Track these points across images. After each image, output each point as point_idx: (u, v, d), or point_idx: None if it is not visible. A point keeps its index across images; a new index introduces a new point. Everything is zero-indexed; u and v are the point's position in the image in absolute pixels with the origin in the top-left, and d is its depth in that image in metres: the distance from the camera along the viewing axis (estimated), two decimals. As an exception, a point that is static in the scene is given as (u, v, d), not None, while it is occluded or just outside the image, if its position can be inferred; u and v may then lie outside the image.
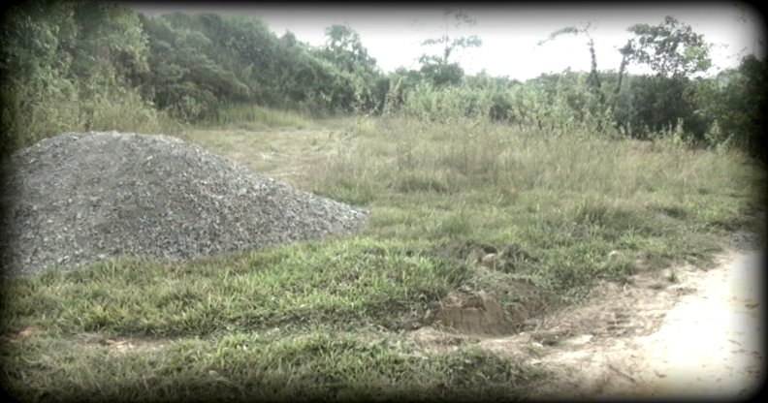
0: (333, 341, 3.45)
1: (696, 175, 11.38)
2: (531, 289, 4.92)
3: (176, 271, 5.04)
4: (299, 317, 3.99)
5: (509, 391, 3.20)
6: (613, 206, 7.47)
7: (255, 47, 23.67)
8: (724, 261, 6.33)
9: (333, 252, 5.30)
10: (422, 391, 3.11)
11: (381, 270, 4.77)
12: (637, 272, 5.62)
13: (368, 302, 4.23)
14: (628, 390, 3.32)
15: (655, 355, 3.81)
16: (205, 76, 19.53)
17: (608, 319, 4.47)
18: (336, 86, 24.67)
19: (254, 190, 6.73)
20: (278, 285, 4.53)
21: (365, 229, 6.73)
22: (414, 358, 3.38)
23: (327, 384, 3.10)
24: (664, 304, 4.83)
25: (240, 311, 4.05)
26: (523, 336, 4.09)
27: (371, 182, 9.17)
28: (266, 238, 6.09)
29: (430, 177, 9.48)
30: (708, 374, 3.56)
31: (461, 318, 4.24)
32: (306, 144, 14.83)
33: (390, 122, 12.78)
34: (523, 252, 5.70)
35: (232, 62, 21.94)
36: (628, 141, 13.93)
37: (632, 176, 9.98)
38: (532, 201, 8.16)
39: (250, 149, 13.27)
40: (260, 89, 22.36)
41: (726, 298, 5.02)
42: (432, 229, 6.34)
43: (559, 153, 11.10)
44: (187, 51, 19.81)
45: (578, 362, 3.62)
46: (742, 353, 3.88)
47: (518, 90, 22.25)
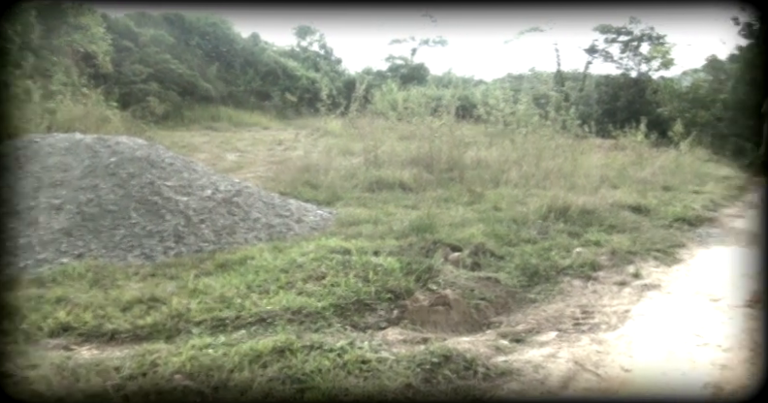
0: (299, 342, 3.43)
1: (660, 173, 11.55)
2: (498, 287, 4.94)
3: (140, 275, 4.97)
4: (265, 319, 3.95)
5: (476, 389, 3.21)
6: (578, 204, 7.54)
7: (220, 47, 23.50)
8: (688, 256, 6.43)
9: (299, 253, 5.27)
10: (389, 391, 3.10)
11: (348, 271, 4.75)
12: (602, 269, 5.68)
13: (335, 303, 4.21)
14: (594, 386, 3.35)
15: (620, 350, 3.85)
16: (169, 76, 19.33)
17: (573, 315, 4.50)
18: (301, 86, 24.58)
19: (219, 191, 6.69)
20: (244, 287, 4.49)
21: (331, 229, 6.71)
22: (382, 358, 3.37)
23: (294, 385, 3.09)
24: (629, 300, 4.89)
25: (206, 314, 4.01)
26: (489, 334, 4.11)
27: (338, 182, 9.15)
28: (231, 240, 6.04)
29: (396, 177, 9.49)
30: (672, 368, 3.61)
31: (428, 317, 4.25)
32: (272, 145, 14.76)
33: (356, 122, 12.76)
34: (489, 250, 5.72)
35: (196, 62, 21.74)
36: (593, 140, 14.08)
37: (596, 174, 10.10)
38: (498, 199, 8.21)
39: (215, 150, 13.16)
40: (225, 89, 22.19)
41: (690, 293, 5.10)
42: (399, 228, 6.34)
43: (524, 152, 11.19)
44: (151, 51, 19.60)
45: (544, 359, 3.65)
46: (706, 346, 3.93)
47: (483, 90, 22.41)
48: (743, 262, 6.25)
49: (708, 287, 5.29)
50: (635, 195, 9.10)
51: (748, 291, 5.16)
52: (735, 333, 4.17)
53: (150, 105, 16.37)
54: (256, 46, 25.43)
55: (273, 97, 23.30)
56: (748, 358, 3.76)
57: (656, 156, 13.31)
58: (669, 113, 20.00)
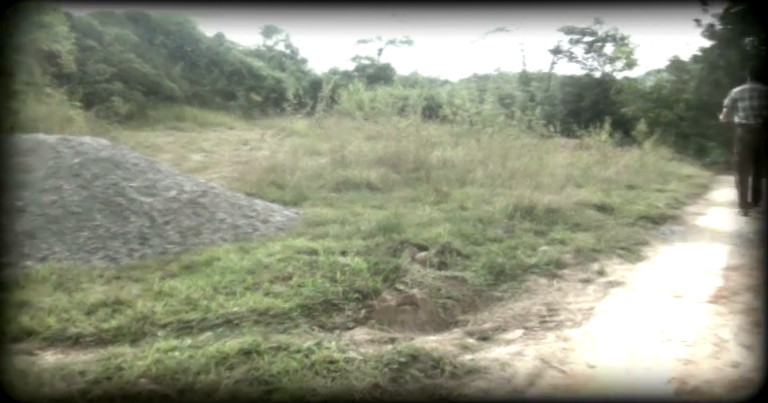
0: (266, 344, 3.40)
1: (624, 172, 11.69)
2: (464, 286, 4.96)
3: (104, 277, 4.91)
4: (231, 320, 3.92)
5: (443, 388, 3.22)
6: (543, 203, 7.60)
7: (185, 47, 23.29)
8: (652, 254, 6.51)
9: (265, 254, 5.25)
10: (357, 391, 3.10)
11: (315, 271, 4.74)
12: (567, 267, 5.73)
13: (302, 303, 4.20)
14: (560, 382, 3.37)
15: (585, 346, 3.88)
16: (133, 75, 19.10)
17: (539, 313, 4.53)
18: (267, 86, 24.45)
19: (185, 192, 6.64)
20: (210, 288, 4.45)
21: (298, 229, 6.68)
22: (349, 358, 3.36)
23: (261, 387, 3.06)
24: (593, 297, 4.93)
25: (172, 316, 3.97)
26: (456, 333, 4.12)
27: (304, 183, 9.13)
28: (197, 241, 5.99)
29: (363, 177, 9.49)
30: (637, 363, 3.65)
31: (395, 316, 4.25)
32: (238, 145, 14.67)
33: (323, 122, 12.76)
34: (455, 249, 5.74)
35: (161, 61, 21.51)
36: (558, 140, 14.23)
37: (562, 173, 10.20)
38: (464, 199, 8.24)
39: (180, 150, 13.05)
40: (190, 89, 21.98)
41: (654, 290, 5.17)
42: (366, 228, 6.34)
43: (490, 152, 11.24)
44: (115, 50, 19.34)
45: (511, 357, 3.66)
46: (670, 342, 3.98)
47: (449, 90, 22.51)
48: (706, 258, 6.35)
49: (672, 283, 5.36)
50: (600, 193, 9.20)
51: (711, 287, 5.25)
52: (699, 329, 4.23)
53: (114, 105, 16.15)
54: (221, 45, 25.26)
55: (239, 97, 23.14)
56: (711, 353, 3.82)
57: (621, 155, 13.47)
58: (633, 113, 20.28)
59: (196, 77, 23.02)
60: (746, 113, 8.91)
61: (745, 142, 9.02)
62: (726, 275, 5.67)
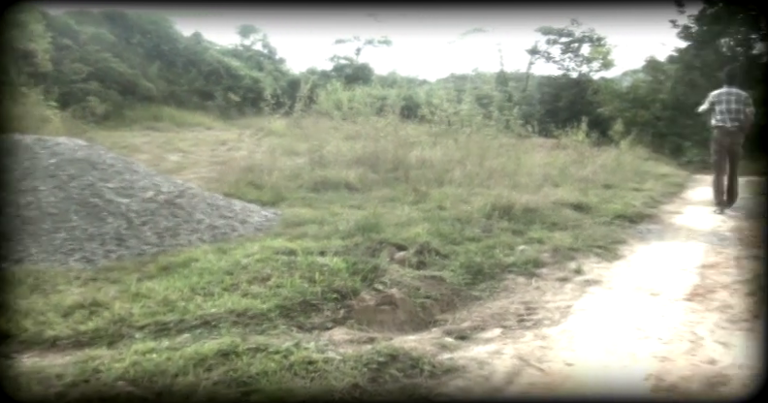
0: (245, 345, 3.39)
1: (600, 171, 11.78)
2: (443, 285, 4.97)
3: (81, 279, 4.86)
4: (209, 321, 3.89)
5: (422, 387, 3.22)
6: (521, 202, 7.64)
7: (162, 46, 23.10)
8: (628, 252, 6.57)
9: (243, 254, 5.23)
10: (336, 391, 3.09)
11: (293, 271, 4.73)
12: (545, 266, 5.76)
13: (280, 304, 4.18)
14: (538, 380, 3.39)
15: (562, 345, 3.91)
16: (110, 75, 18.92)
17: (517, 312, 4.55)
18: (245, 86, 24.34)
19: (162, 193, 6.60)
20: (188, 290, 4.43)
21: (276, 230, 6.67)
22: (328, 359, 3.36)
23: (239, 388, 3.05)
24: (571, 296, 4.97)
25: (149, 318, 3.94)
26: (435, 332, 4.12)
27: (282, 183, 9.11)
28: (174, 242, 5.96)
29: (341, 177, 9.48)
30: (614, 361, 3.67)
31: (374, 316, 4.25)
32: (216, 145, 14.59)
33: (301, 122, 12.73)
34: (434, 249, 5.75)
35: (138, 61, 21.32)
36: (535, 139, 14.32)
37: (539, 173, 10.26)
38: (443, 198, 8.26)
39: (157, 151, 12.96)
40: (167, 89, 21.81)
41: (631, 288, 5.21)
42: (345, 228, 6.34)
43: (468, 151, 11.28)
44: (91, 50, 19.14)
45: (489, 355, 3.68)
46: (646, 339, 4.02)
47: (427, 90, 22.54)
48: (682, 256, 6.42)
49: (648, 281, 5.41)
50: (577, 193, 9.26)
51: (688, 285, 5.30)
52: (675, 326, 4.27)
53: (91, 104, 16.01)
54: (198, 44, 25.10)
55: (216, 97, 23.01)
56: (688, 350, 3.86)
57: (597, 155, 13.58)
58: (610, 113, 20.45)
59: (173, 77, 22.85)
60: (723, 116, 9.22)
61: (721, 144, 9.35)
62: (702, 273, 5.74)
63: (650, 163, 15.51)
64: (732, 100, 9.17)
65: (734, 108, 9.13)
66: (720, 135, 9.34)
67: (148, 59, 22.22)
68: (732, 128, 9.17)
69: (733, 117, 9.15)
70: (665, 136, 19.23)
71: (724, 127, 9.22)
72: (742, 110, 9.11)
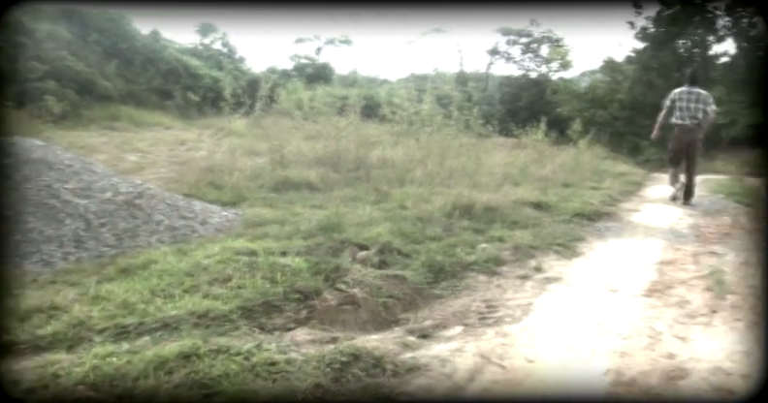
0: (206, 347, 3.36)
1: (559, 170, 11.90)
2: (405, 284, 4.98)
3: (39, 282, 4.78)
4: (170, 324, 3.85)
5: (385, 386, 3.24)
6: (481, 201, 7.69)
7: (119, 44, 22.72)
8: (587, 250, 6.66)
9: (204, 255, 5.18)
10: (299, 392, 3.09)
11: (255, 272, 4.70)
12: (505, 264, 5.82)
13: (241, 305, 4.16)
14: (500, 377, 3.42)
15: (523, 342, 3.95)
16: (66, 73, 18.54)
17: (479, 309, 4.59)
18: (204, 85, 24.08)
19: (120, 193, 6.52)
20: (148, 292, 4.37)
21: (237, 230, 6.63)
22: (290, 359, 3.35)
23: (201, 391, 3.03)
24: (531, 293, 5.03)
25: (109, 321, 3.88)
26: (397, 331, 4.14)
27: (243, 183, 9.04)
28: (134, 244, 5.89)
29: (303, 177, 9.45)
30: (574, 356, 3.73)
31: (336, 316, 4.25)
32: (175, 145, 14.42)
33: (261, 122, 12.65)
34: (396, 248, 5.77)
35: (95, 59, 20.94)
36: (495, 139, 14.43)
37: (499, 172, 10.33)
38: (404, 198, 8.28)
39: (116, 151, 12.77)
40: (125, 88, 21.46)
41: (590, 285, 5.29)
42: (306, 228, 6.32)
43: (429, 151, 11.31)
44: (48, 48, 18.79)
45: (451, 353, 3.71)
46: (606, 335, 4.09)
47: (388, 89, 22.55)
48: (640, 253, 6.52)
49: (607, 278, 5.50)
50: (536, 192, 9.35)
51: (646, 281, 5.39)
52: (634, 322, 4.35)
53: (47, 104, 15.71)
54: (157, 43, 24.75)
55: (176, 96, 22.70)
56: (647, 345, 3.93)
57: (556, 154, 13.72)
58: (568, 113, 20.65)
59: (131, 76, 22.50)
60: (682, 114, 9.62)
61: (680, 140, 9.79)
62: (660, 269, 5.84)
63: (608, 162, 15.69)
64: (692, 99, 9.54)
65: (693, 106, 9.51)
66: (678, 132, 9.74)
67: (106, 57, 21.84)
68: (691, 125, 9.57)
69: (692, 115, 9.53)
70: (623, 135, 19.48)
71: (683, 124, 9.62)
72: (701, 109, 9.49)
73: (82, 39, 21.30)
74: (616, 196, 10.49)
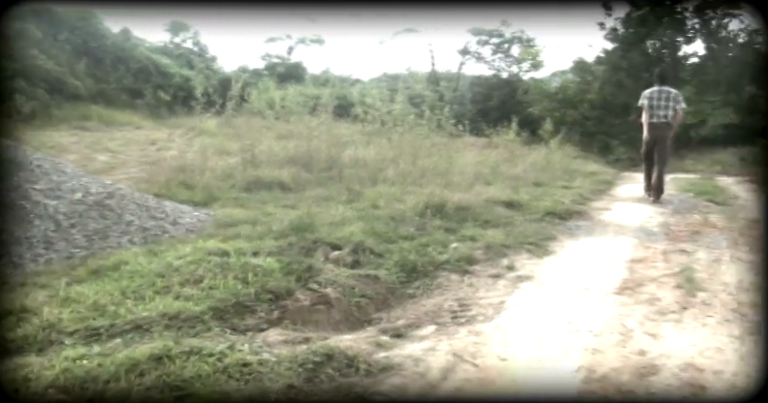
0: (178, 348, 3.33)
1: (531, 169, 11.98)
2: (378, 284, 5.00)
3: (8, 284, 4.72)
4: (141, 325, 3.81)
5: (358, 386, 3.24)
6: (453, 201, 7.72)
7: (89, 43, 22.45)
8: (559, 248, 6.71)
9: (175, 256, 5.13)
10: (272, 393, 3.09)
11: (227, 273, 4.67)
12: (477, 263, 5.85)
13: (213, 306, 4.13)
14: (473, 376, 3.44)
15: (496, 340, 3.98)
16: (36, 72, 18.26)
17: (451, 308, 4.61)
18: (175, 84, 23.89)
19: (90, 194, 6.45)
20: (119, 293, 4.33)
21: (208, 231, 6.59)
22: (263, 360, 3.34)
23: (173, 393, 3.01)
24: (504, 292, 5.06)
25: (80, 323, 3.83)
26: (370, 331, 4.15)
27: (215, 183, 8.99)
28: (104, 245, 5.83)
29: (275, 176, 9.43)
30: (546, 354, 3.76)
31: (309, 316, 4.25)
32: (145, 145, 14.30)
33: (232, 121, 12.58)
34: (368, 248, 5.77)
35: (65, 58, 20.69)
36: (467, 138, 14.46)
37: (471, 172, 10.38)
38: (376, 197, 8.28)
39: (86, 151, 12.64)
40: (95, 87, 21.21)
41: (561, 283, 5.33)
42: (279, 228, 6.30)
43: (401, 150, 11.32)
44: (17, 46, 18.53)
45: (424, 352, 3.72)
46: (578, 332, 4.12)
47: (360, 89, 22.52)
48: (611, 251, 6.58)
49: (579, 276, 5.55)
50: (508, 191, 9.40)
51: (617, 279, 5.45)
52: (605, 319, 4.40)
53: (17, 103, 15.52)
54: (127, 41, 24.50)
55: (146, 95, 22.49)
56: (618, 342, 3.97)
57: (528, 153, 13.81)
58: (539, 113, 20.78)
59: (101, 75, 22.24)
60: (653, 112, 9.98)
61: (651, 137, 10.12)
62: (631, 267, 5.91)
63: (579, 161, 15.80)
64: (663, 97, 9.90)
65: (664, 104, 9.87)
66: (650, 130, 10.06)
67: (76, 56, 21.56)
68: (662, 123, 9.93)
69: (662, 114, 9.90)
70: (593, 135, 19.65)
71: (654, 122, 9.97)
72: (671, 107, 9.85)
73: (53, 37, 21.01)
74: (587, 195, 10.58)
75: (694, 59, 20.77)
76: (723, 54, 19.46)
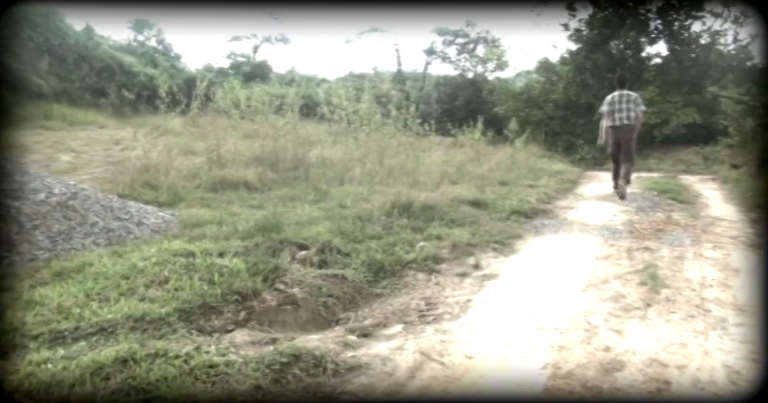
0: (143, 351, 3.30)
1: (496, 169, 12.06)
2: (345, 283, 5.00)
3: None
4: (106, 328, 3.77)
5: (326, 386, 3.25)
6: (420, 200, 7.75)
7: (52, 40, 22.15)
8: (524, 247, 6.77)
9: (140, 257, 5.07)
10: (238, 394, 3.08)
11: (192, 274, 4.64)
12: (444, 261, 5.89)
13: (179, 308, 4.10)
14: (440, 374, 3.47)
15: (463, 338, 4.01)
16: (-3, 70, 18.04)
17: (418, 307, 4.63)
18: (139, 83, 23.67)
19: (54, 194, 6.37)
20: (83, 295, 4.27)
21: (174, 231, 6.53)
22: (229, 362, 3.33)
23: (139, 396, 2.98)
24: (470, 290, 5.10)
25: (44, 326, 3.78)
26: (338, 330, 4.15)
27: (180, 183, 8.91)
28: (68, 246, 5.76)
29: (240, 176, 9.38)
30: (513, 352, 3.80)
31: (276, 317, 4.24)
32: (109, 145, 14.14)
33: (198, 120, 12.48)
34: (335, 248, 5.78)
35: (27, 56, 20.37)
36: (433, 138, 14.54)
37: (437, 171, 10.41)
38: (343, 197, 8.28)
39: (49, 151, 12.46)
40: (58, 86, 20.92)
41: (527, 281, 5.38)
42: (245, 228, 6.27)
43: (367, 150, 11.35)
44: (-25, 44, 18.22)
45: (391, 351, 3.74)
46: (543, 330, 4.17)
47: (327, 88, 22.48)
48: (576, 249, 6.66)
49: (544, 274, 5.61)
50: (474, 190, 9.47)
51: (582, 276, 5.52)
52: (571, 316, 4.45)
53: (-24, 102, 15.24)
54: (90, 39, 24.19)
55: (110, 94, 22.24)
56: (583, 339, 4.02)
57: (493, 153, 13.91)
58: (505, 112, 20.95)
59: (64, 73, 21.93)
60: (616, 115, 10.31)
61: (616, 138, 10.45)
62: (596, 265, 5.98)
63: (544, 160, 15.94)
64: (624, 100, 10.26)
65: (625, 107, 10.23)
66: (614, 131, 10.38)
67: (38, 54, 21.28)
68: (624, 125, 10.26)
69: (624, 116, 10.24)
70: (558, 134, 19.84)
71: (618, 125, 10.29)
72: (633, 109, 10.23)
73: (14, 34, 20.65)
74: (552, 193, 10.69)
75: (658, 60, 21.13)
76: (686, 55, 19.77)
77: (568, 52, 21.46)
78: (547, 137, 19.36)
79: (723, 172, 14.48)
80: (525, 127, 17.52)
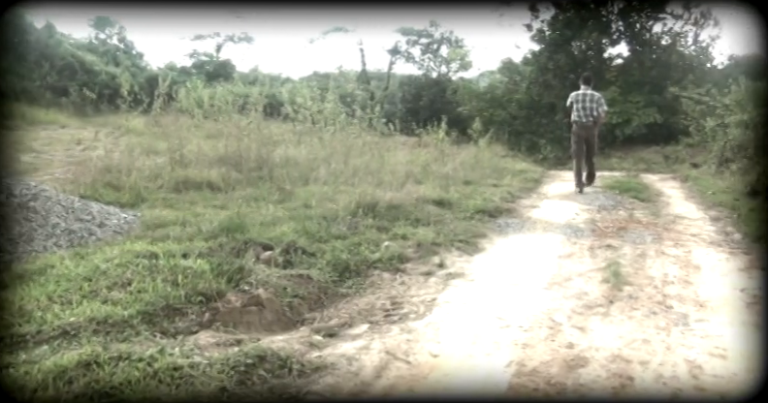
0: (106, 354, 3.26)
1: (461, 168, 12.11)
2: (310, 283, 5.00)
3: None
4: (69, 331, 3.71)
5: (292, 386, 3.24)
6: (385, 200, 7.76)
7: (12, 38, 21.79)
8: (489, 245, 6.83)
9: (102, 259, 5.00)
10: (203, 396, 3.06)
11: (155, 275, 4.59)
12: (409, 261, 5.91)
13: (142, 310, 4.05)
14: (405, 373, 3.48)
15: (428, 337, 4.04)
16: (-46, 69, 17.70)
17: (384, 307, 4.65)
18: (101, 82, 23.34)
19: (14, 196, 6.27)
20: (45, 298, 4.20)
21: (136, 232, 6.46)
22: (194, 364, 3.30)
23: (102, 400, 2.95)
24: (435, 289, 5.13)
25: (5, 330, 3.70)
26: (303, 331, 4.15)
27: (142, 183, 8.81)
28: (29, 248, 5.67)
29: (204, 176, 9.31)
30: (478, 350, 3.84)
31: (240, 318, 4.22)
32: (71, 144, 13.95)
33: (160, 120, 12.34)
34: (300, 248, 5.77)
35: (-16, 54, 20.03)
36: (398, 138, 14.57)
37: (402, 171, 10.43)
38: (308, 197, 8.27)
39: (8, 151, 12.26)
40: (18, 84, 20.59)
41: (491, 279, 5.43)
42: (209, 229, 6.22)
43: (332, 150, 11.34)
44: (-70, 43, 17.84)
45: (357, 351, 3.75)
46: (508, 328, 4.21)
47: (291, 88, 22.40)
48: (540, 247, 6.73)
49: (508, 272, 5.67)
50: (438, 189, 9.51)
51: (545, 274, 5.58)
52: (535, 314, 4.51)
53: (-69, 101, 14.95)
54: (51, 37, 23.85)
55: (71, 93, 21.91)
56: (547, 336, 4.07)
57: (457, 152, 13.96)
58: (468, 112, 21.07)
59: (24, 72, 21.57)
60: (580, 113, 10.88)
61: (579, 136, 11.05)
62: (559, 263, 6.04)
63: (507, 160, 16.05)
64: (587, 99, 10.75)
65: (588, 105, 10.73)
66: (577, 128, 10.91)
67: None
68: (587, 123, 10.80)
69: (587, 114, 10.76)
70: (521, 134, 20.02)
71: (581, 122, 10.81)
72: (595, 108, 10.71)
73: (-29, 32, 20.27)
74: (515, 192, 10.78)
75: (619, 61, 21.41)
76: (647, 56, 20.06)
77: (531, 53, 21.65)
78: (510, 136, 19.52)
79: (684, 171, 14.74)
80: (488, 127, 17.64)
